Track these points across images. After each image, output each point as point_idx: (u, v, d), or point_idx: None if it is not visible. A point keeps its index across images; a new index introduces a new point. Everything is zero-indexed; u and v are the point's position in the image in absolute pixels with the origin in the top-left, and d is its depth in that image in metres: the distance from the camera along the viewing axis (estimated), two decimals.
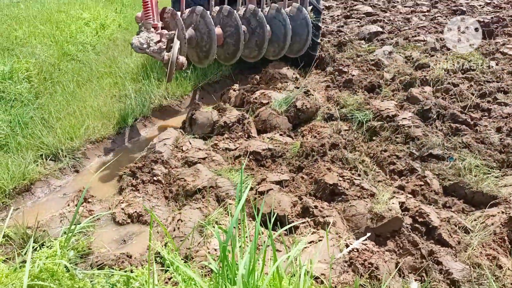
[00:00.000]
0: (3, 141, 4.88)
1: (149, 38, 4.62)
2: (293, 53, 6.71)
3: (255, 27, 5.94)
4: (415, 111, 5.40)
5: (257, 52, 6.18)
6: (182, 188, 4.23)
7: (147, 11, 4.71)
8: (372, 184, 3.98)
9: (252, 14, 5.90)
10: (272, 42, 6.27)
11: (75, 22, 9.36)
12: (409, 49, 8.11)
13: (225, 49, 5.91)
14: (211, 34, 5.39)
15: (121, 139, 5.59)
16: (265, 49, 6.09)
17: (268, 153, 4.76)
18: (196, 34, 5.45)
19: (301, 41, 6.52)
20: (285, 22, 6.08)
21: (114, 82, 6.70)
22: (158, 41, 4.67)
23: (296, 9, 6.39)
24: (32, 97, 5.97)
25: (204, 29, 5.40)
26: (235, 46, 5.80)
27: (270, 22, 6.10)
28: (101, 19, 10.25)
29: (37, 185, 4.47)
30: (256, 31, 5.96)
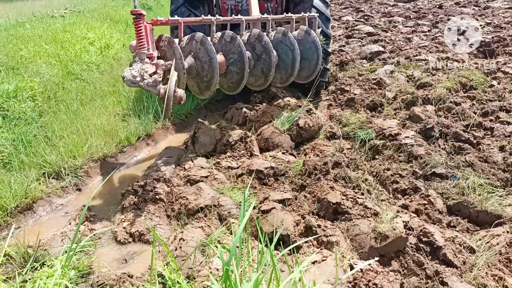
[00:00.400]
0: (6, 159, 4.89)
1: (143, 70, 4.12)
2: (302, 79, 6.15)
3: (261, 53, 5.41)
4: (418, 129, 5.40)
5: (263, 80, 5.63)
6: (184, 206, 4.21)
7: (141, 40, 4.26)
8: (375, 203, 3.95)
9: (257, 39, 5.36)
10: (279, 68, 5.74)
11: (79, 42, 9.49)
12: (410, 68, 8.16)
13: (228, 78, 5.36)
14: (212, 63, 4.84)
15: (123, 158, 5.59)
16: (272, 76, 5.54)
17: (270, 171, 4.75)
18: (196, 63, 4.93)
19: (310, 66, 5.96)
20: (293, 46, 5.55)
21: (118, 101, 6.74)
22: (153, 73, 4.20)
23: (304, 32, 5.85)
24: (36, 115, 6.01)
25: (205, 58, 4.87)
26: (240, 74, 5.23)
27: (276, 47, 5.59)
28: (106, 39, 10.40)
29: (39, 203, 4.46)
30: (261, 57, 5.43)
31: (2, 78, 6.43)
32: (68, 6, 13.79)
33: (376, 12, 16.19)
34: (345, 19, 14.75)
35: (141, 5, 16.77)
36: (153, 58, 4.38)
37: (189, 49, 4.95)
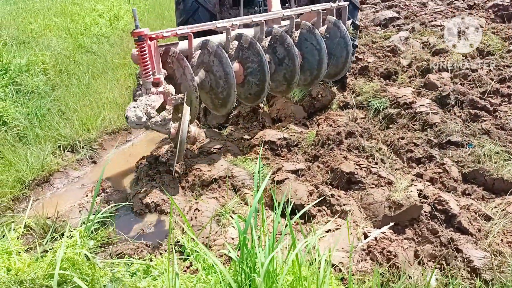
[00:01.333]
0: (21, 133, 4.95)
1: (149, 106, 3.41)
2: (328, 77, 5.43)
3: (283, 57, 4.62)
4: (433, 97, 5.31)
5: (285, 87, 4.84)
6: (198, 178, 4.24)
7: (145, 67, 3.56)
8: (389, 172, 3.94)
9: (279, 40, 4.56)
10: (303, 70, 4.89)
11: (89, 14, 9.42)
12: (426, 35, 7.96)
13: (246, 89, 4.61)
14: (229, 79, 4.12)
15: (137, 130, 5.62)
16: (296, 84, 4.76)
17: (283, 142, 4.73)
18: (210, 77, 4.24)
19: (338, 64, 5.22)
20: (319, 46, 4.72)
21: (129, 73, 6.73)
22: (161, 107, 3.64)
23: (332, 24, 5.05)
24: (48, 89, 6.04)
25: (219, 72, 4.14)
26: (259, 86, 4.48)
27: (300, 46, 4.81)
28: (115, 10, 10.29)
29: (55, 176, 4.53)
30: (284, 62, 4.63)
31: (14, 52, 6.44)
32: None
33: None
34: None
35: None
36: (161, 83, 3.71)
37: (201, 60, 4.25)
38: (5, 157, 4.43)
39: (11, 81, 5.76)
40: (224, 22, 4.24)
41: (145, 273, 2.54)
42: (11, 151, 4.52)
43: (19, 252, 2.74)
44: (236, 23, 4.31)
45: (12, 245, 2.73)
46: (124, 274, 2.49)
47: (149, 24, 9.56)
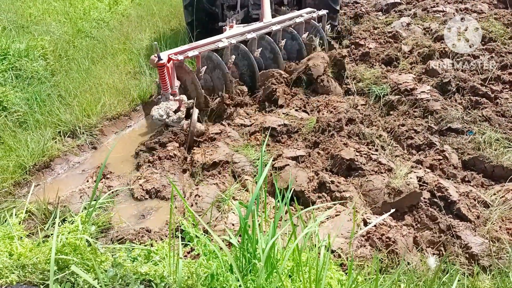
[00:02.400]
0: (21, 118, 4.94)
1: (168, 108, 4.79)
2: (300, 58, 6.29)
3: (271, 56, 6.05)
4: (434, 84, 5.29)
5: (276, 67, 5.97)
6: (199, 163, 4.25)
7: (164, 84, 4.87)
8: (389, 159, 3.94)
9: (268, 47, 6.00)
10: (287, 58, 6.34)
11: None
12: (427, 20, 7.89)
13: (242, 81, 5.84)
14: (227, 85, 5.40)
15: (137, 116, 5.61)
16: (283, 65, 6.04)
17: (283, 128, 4.73)
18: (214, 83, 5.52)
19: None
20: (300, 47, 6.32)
21: (129, 58, 6.69)
22: (177, 110, 4.85)
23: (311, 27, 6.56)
24: (48, 74, 6.01)
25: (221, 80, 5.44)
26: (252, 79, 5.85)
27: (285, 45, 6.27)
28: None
29: (56, 161, 4.53)
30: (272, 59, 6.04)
31: (13, 37, 6.39)
32: None
33: None
34: None
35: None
36: (176, 94, 4.98)
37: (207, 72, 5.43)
38: (6, 142, 4.43)
39: (11, 66, 5.73)
40: (226, 42, 5.36)
41: (146, 258, 2.56)
42: (12, 137, 4.52)
43: (20, 237, 2.76)
44: (233, 41, 5.44)
45: (14, 230, 2.75)
46: (126, 259, 2.51)
47: (148, 8, 9.46)
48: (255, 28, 5.89)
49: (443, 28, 7.25)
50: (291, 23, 6.21)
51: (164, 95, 4.93)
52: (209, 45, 5.27)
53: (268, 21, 6.11)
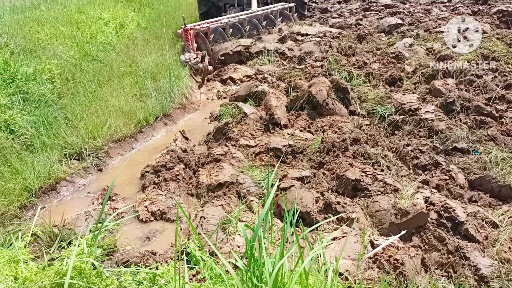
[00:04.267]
0: (28, 141, 4.97)
1: (190, 56, 7.72)
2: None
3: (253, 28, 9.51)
4: (438, 104, 5.30)
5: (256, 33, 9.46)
6: (204, 185, 4.25)
7: (188, 43, 7.81)
8: (395, 179, 3.93)
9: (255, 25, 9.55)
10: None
11: (95, 23, 9.48)
12: (430, 41, 7.96)
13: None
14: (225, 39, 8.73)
15: (142, 138, 5.65)
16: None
17: (288, 149, 4.74)
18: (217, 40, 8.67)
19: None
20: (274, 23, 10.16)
21: (135, 81, 6.76)
22: (195, 58, 7.73)
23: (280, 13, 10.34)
24: (55, 97, 6.07)
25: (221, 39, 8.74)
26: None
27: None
28: (120, 18, 10.36)
29: (62, 184, 4.55)
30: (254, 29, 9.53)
31: (21, 61, 6.48)
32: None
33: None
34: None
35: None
36: (194, 49, 7.93)
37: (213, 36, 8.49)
38: (12, 165, 4.46)
39: (18, 89, 5.80)
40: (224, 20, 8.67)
41: (152, 282, 2.53)
42: (18, 159, 4.55)
43: (26, 260, 2.75)
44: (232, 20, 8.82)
45: (20, 254, 2.74)
46: (131, 283, 2.49)
47: (154, 32, 9.62)
48: (246, 13, 9.29)
49: (446, 48, 7.31)
50: (269, 11, 9.80)
51: (187, 50, 7.78)
52: (216, 23, 8.56)
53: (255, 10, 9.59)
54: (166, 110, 6.17)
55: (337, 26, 9.90)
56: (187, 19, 8.53)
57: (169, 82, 6.63)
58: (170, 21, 10.71)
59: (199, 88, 7.40)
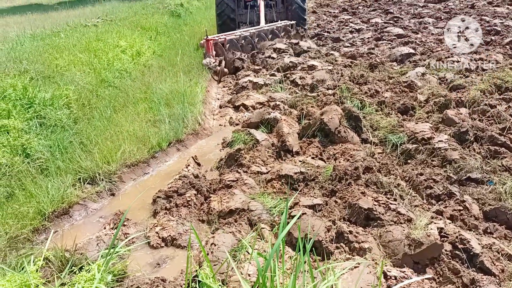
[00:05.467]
0: (44, 165, 5.06)
1: (210, 61, 9.55)
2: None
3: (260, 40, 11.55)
4: (451, 133, 5.27)
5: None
6: (215, 211, 4.25)
7: (208, 50, 9.68)
8: (408, 209, 3.88)
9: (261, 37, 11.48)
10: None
11: (112, 50, 9.73)
12: (442, 70, 7.99)
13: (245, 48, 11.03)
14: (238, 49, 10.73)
15: (155, 163, 5.70)
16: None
17: (300, 176, 4.73)
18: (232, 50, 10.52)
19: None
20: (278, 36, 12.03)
21: (149, 107, 6.87)
22: (214, 62, 9.55)
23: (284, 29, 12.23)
24: (71, 122, 6.20)
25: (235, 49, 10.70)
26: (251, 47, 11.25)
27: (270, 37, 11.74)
28: (137, 46, 10.63)
29: (75, 208, 4.59)
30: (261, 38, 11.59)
31: (39, 87, 6.65)
32: (101, 15, 14.17)
33: (405, 14, 15.92)
34: (374, 21, 14.58)
35: (170, 12, 17.07)
36: (213, 55, 9.74)
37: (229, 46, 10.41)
38: (27, 188, 4.52)
39: (36, 114, 5.94)
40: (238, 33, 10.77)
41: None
42: (33, 183, 4.61)
43: (37, 285, 2.76)
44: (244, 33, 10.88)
45: (31, 278, 2.76)
46: None
47: (169, 59, 9.83)
48: (255, 28, 11.31)
49: (458, 78, 7.33)
50: (274, 27, 11.73)
51: (208, 56, 9.62)
52: (231, 35, 10.59)
53: (263, 26, 11.58)
54: (179, 135, 6.24)
55: (349, 55, 10.01)
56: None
57: (182, 108, 6.72)
58: (185, 49, 10.94)
59: (218, 83, 9.50)
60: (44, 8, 20.24)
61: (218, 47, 9.96)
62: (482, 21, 12.78)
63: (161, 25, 14.23)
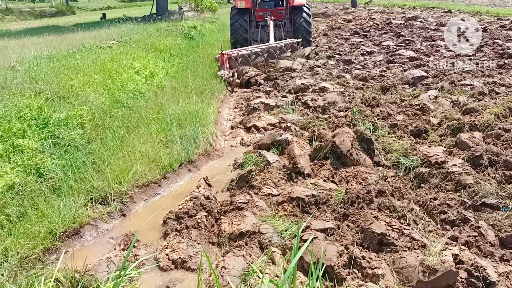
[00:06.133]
0: (56, 185, 5.09)
1: (224, 73, 10.55)
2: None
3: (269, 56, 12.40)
4: (465, 157, 5.21)
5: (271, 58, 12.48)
6: (226, 234, 4.22)
7: (223, 63, 10.82)
8: (422, 235, 3.82)
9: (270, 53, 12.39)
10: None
11: (126, 71, 9.88)
12: (455, 94, 7.95)
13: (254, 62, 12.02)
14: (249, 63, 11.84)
15: (166, 183, 5.71)
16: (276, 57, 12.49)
17: (312, 199, 4.69)
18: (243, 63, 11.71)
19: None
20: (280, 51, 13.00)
21: (162, 127, 6.93)
22: (228, 74, 10.59)
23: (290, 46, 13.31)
24: (84, 142, 6.26)
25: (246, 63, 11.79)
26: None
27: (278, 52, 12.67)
28: (151, 68, 10.78)
29: (86, 228, 4.59)
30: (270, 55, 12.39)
31: (54, 107, 6.76)
32: (116, 37, 14.44)
33: (417, 37, 15.98)
34: (386, 44, 14.64)
35: (183, 34, 17.36)
36: (227, 68, 10.80)
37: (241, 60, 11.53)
38: (39, 208, 4.55)
39: (50, 134, 6.01)
40: (249, 49, 11.72)
41: None
42: (45, 203, 4.64)
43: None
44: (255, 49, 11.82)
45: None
46: None
47: (182, 80, 9.95)
48: (265, 45, 12.35)
49: (471, 101, 7.28)
50: (282, 44, 12.66)
51: (222, 68, 10.70)
52: (243, 50, 11.71)
53: (272, 43, 12.54)
54: (191, 156, 6.26)
55: (360, 78, 10.03)
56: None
57: (194, 129, 6.76)
58: (197, 70, 11.08)
59: (231, 92, 10.49)
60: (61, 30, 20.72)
61: (231, 60, 11.07)
62: (495, 44, 12.78)
63: (175, 47, 14.46)
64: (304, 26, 13.67)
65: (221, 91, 9.70)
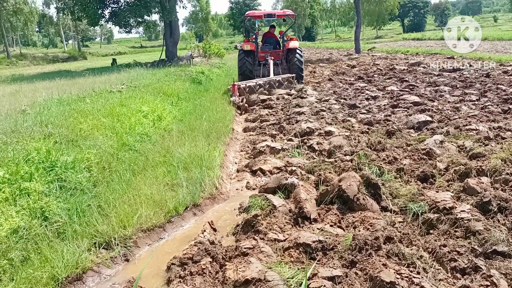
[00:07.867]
0: (60, 229, 5.06)
1: (235, 99, 13.90)
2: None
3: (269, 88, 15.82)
4: (474, 203, 5.14)
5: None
6: (231, 281, 4.13)
7: (234, 92, 14.22)
8: (433, 283, 3.71)
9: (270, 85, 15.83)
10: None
11: (134, 115, 10.04)
12: (461, 138, 7.96)
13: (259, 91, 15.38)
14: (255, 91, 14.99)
15: (171, 228, 5.65)
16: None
17: (318, 245, 4.61)
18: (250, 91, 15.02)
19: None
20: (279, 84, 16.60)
21: (168, 170, 6.95)
22: (238, 100, 13.88)
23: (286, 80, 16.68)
24: (90, 185, 6.27)
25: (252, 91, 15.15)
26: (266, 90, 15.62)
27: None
28: (158, 111, 10.96)
29: (88, 273, 4.52)
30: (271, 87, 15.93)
31: (62, 150, 6.83)
32: (125, 82, 14.80)
33: (421, 82, 16.20)
34: (390, 89, 14.83)
35: (191, 79, 17.77)
36: (238, 95, 14.26)
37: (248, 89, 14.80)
38: (42, 252, 4.50)
39: (57, 177, 6.04)
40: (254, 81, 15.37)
41: None
42: (49, 247, 4.60)
43: None
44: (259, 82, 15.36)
45: None
46: None
47: (189, 124, 10.07)
48: (266, 79, 15.67)
49: (478, 146, 7.27)
50: (280, 78, 15.94)
51: (234, 95, 14.03)
52: (250, 83, 14.93)
53: (272, 77, 15.85)
54: (196, 200, 6.23)
55: (365, 122, 10.11)
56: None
57: (200, 172, 6.77)
58: (204, 113, 11.24)
59: (240, 115, 13.35)
60: (72, 74, 21.29)
61: (241, 90, 14.50)
62: (499, 90, 12.91)
63: (183, 91, 14.78)
64: (297, 64, 17.33)
65: (228, 134, 9.78)
